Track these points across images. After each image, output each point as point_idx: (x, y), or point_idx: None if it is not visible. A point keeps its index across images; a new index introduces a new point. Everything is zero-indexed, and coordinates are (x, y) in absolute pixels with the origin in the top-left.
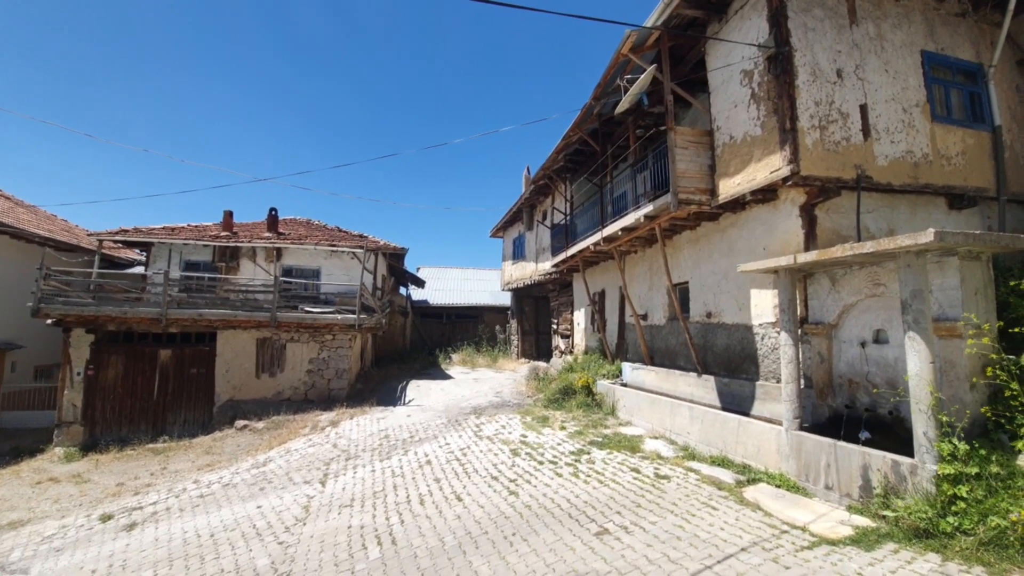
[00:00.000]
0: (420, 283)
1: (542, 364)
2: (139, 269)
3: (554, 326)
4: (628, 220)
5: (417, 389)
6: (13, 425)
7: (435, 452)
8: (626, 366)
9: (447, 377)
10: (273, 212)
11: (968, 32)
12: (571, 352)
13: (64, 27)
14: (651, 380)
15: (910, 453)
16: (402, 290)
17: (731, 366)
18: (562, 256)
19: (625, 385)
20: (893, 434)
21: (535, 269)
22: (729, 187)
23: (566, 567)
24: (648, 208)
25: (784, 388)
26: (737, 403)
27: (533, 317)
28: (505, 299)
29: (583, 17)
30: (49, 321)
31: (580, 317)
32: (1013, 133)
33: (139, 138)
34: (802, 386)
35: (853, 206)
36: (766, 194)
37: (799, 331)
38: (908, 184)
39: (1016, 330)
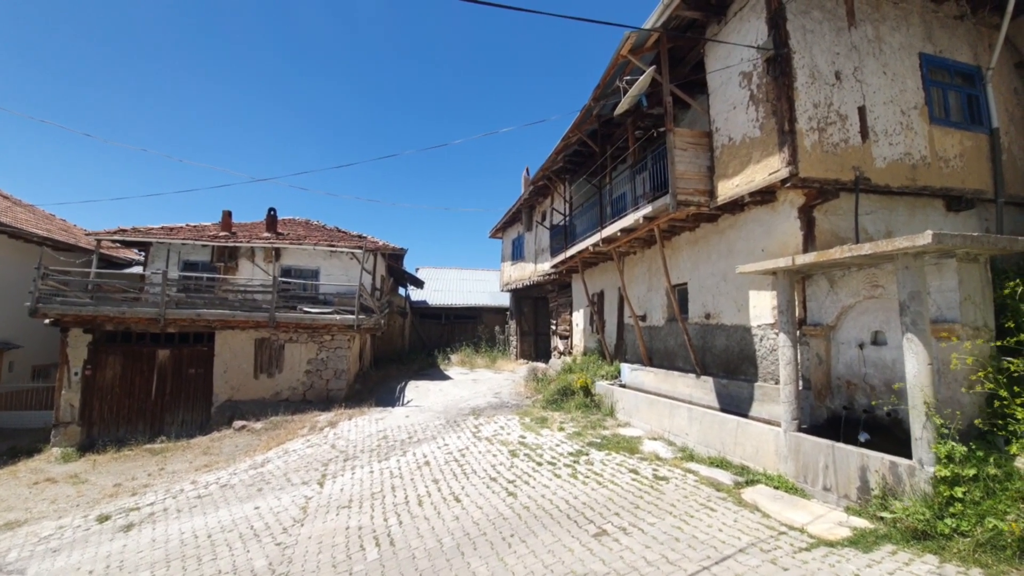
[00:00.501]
0: (419, 284)
1: (541, 365)
2: (137, 269)
3: (553, 327)
4: (627, 221)
5: (416, 390)
6: (10, 425)
7: (433, 453)
8: (625, 367)
9: (446, 378)
10: (272, 212)
11: (966, 35)
12: (570, 353)
13: (64, 27)
14: (650, 381)
15: (908, 455)
16: (401, 291)
17: (730, 367)
18: (561, 257)
19: (624, 386)
20: (891, 435)
21: (534, 270)
22: (728, 188)
23: (564, 568)
24: (647, 209)
25: (782, 389)
26: (736, 404)
27: (532, 318)
28: (504, 300)
29: (583, 19)
30: (47, 321)
31: (579, 318)
32: (1011, 136)
33: (138, 138)
34: (800, 387)
35: (851, 208)
36: (765, 196)
37: (797, 332)
38: (906, 186)
39: (1013, 339)
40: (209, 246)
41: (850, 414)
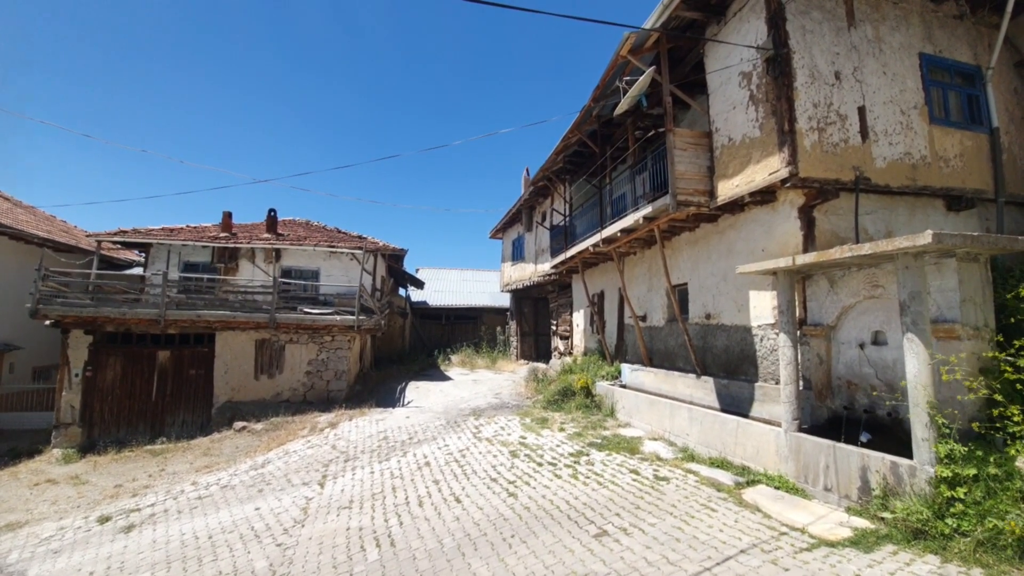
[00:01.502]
0: (419, 284)
1: (541, 365)
2: (138, 270)
3: (553, 327)
4: (627, 221)
5: (416, 390)
6: (11, 426)
7: (434, 454)
8: (625, 367)
9: (446, 378)
10: (272, 213)
11: (966, 34)
12: (570, 353)
13: (63, 27)
14: (650, 381)
15: (909, 455)
16: (401, 291)
17: (730, 367)
18: (561, 257)
19: (624, 386)
20: (892, 436)
21: (534, 270)
22: (728, 189)
23: (565, 569)
24: (647, 209)
25: (783, 390)
26: (736, 404)
27: (532, 318)
28: (504, 300)
29: (583, 19)
30: (48, 322)
31: (579, 318)
32: (1011, 135)
33: (138, 139)
34: (801, 388)
35: (851, 208)
36: (765, 196)
37: (798, 333)
38: (906, 186)
39: (1016, 342)
40: (209, 247)
41: (851, 414)
